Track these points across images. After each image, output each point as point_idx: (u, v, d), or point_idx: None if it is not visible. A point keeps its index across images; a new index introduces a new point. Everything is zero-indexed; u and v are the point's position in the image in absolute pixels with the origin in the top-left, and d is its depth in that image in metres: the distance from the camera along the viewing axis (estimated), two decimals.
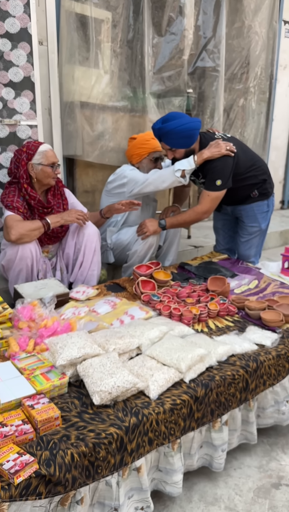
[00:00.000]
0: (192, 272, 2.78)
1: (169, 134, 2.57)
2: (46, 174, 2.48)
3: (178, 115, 2.64)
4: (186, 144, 2.63)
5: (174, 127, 2.55)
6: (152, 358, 1.76)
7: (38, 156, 2.45)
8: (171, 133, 2.56)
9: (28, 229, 2.36)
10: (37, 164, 2.45)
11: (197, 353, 1.74)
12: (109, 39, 3.42)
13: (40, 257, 2.53)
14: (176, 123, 2.55)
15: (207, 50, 3.96)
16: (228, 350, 1.88)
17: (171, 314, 2.18)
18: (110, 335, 1.82)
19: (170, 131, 2.56)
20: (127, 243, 2.85)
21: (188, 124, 2.57)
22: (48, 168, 2.47)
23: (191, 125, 2.59)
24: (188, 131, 2.58)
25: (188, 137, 2.60)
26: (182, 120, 2.58)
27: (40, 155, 2.45)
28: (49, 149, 2.50)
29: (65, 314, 2.09)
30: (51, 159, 2.48)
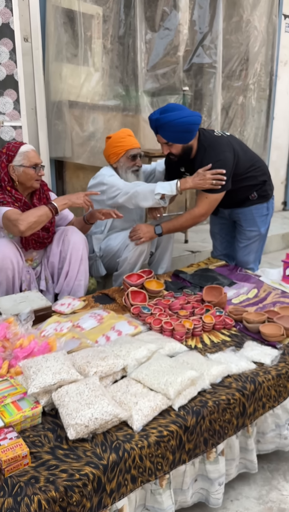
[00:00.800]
0: (187, 281, 2.61)
1: (166, 126, 2.39)
2: (29, 176, 2.32)
3: (177, 106, 2.46)
4: (184, 139, 2.45)
5: (172, 119, 2.36)
6: (137, 382, 1.59)
7: (19, 157, 2.29)
8: (169, 126, 2.38)
9: (36, 216, 2.21)
10: (18, 166, 2.29)
11: (187, 376, 1.57)
12: (100, 35, 3.26)
13: (24, 266, 2.36)
14: (175, 114, 2.37)
15: (203, 46, 3.78)
16: (222, 371, 1.71)
17: (162, 328, 2.01)
18: (93, 356, 1.65)
19: (167, 123, 2.37)
20: (117, 249, 2.68)
21: (188, 118, 2.39)
22: (31, 170, 2.31)
23: (191, 119, 2.40)
24: (187, 125, 2.39)
25: (186, 131, 2.42)
26: (181, 112, 2.39)
27: (21, 156, 2.30)
28: (31, 150, 2.35)
29: (46, 330, 1.92)
30: (33, 160, 2.32)
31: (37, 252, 2.53)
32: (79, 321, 2.05)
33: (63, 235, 2.48)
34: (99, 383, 1.49)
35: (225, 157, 2.47)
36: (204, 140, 2.52)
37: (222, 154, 2.47)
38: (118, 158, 2.71)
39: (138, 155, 2.74)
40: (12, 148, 2.30)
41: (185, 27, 3.60)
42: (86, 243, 2.51)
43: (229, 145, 2.52)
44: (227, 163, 2.48)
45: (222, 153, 2.48)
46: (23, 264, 2.35)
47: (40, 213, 2.24)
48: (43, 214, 2.25)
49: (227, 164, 2.48)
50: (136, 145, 2.72)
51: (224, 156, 2.47)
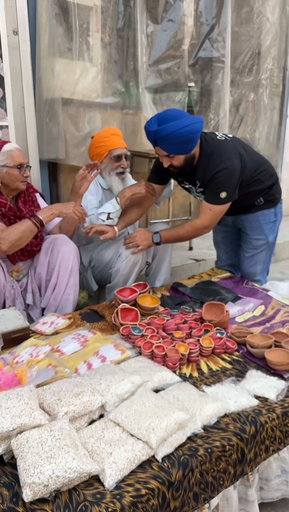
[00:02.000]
0: (187, 295, 2.36)
1: (166, 138, 2.10)
2: (13, 177, 2.12)
3: (177, 114, 2.16)
4: (186, 150, 2.18)
5: (173, 130, 2.07)
6: (116, 425, 1.35)
7: (2, 157, 2.10)
8: (170, 138, 2.09)
9: (19, 232, 2.01)
10: (1, 167, 2.09)
11: (174, 419, 1.32)
12: (98, 27, 3.03)
13: (7, 281, 2.15)
14: (175, 125, 2.07)
15: (210, 39, 3.51)
16: (218, 410, 1.46)
17: (153, 354, 1.77)
18: (66, 391, 1.42)
19: (168, 135, 2.08)
20: (109, 259, 2.45)
21: (190, 126, 2.09)
22: (15, 171, 2.11)
23: (193, 127, 2.11)
24: (190, 134, 2.11)
25: (189, 141, 2.14)
26: (183, 121, 2.09)
27: (4, 156, 2.10)
28: (15, 149, 2.14)
29: (20, 355, 1.70)
30: (18, 160, 2.12)
31: (24, 263, 2.32)
32: (60, 344, 1.82)
33: (52, 244, 2.26)
34: (68, 428, 1.26)
35: (232, 165, 2.21)
36: (207, 146, 2.25)
37: (228, 161, 2.21)
38: (101, 160, 2.48)
39: (124, 156, 2.50)
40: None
41: (190, 19, 3.34)
42: (78, 254, 2.29)
43: (235, 150, 2.26)
44: (235, 171, 2.22)
45: (228, 160, 2.21)
46: (7, 278, 2.14)
47: (23, 228, 2.04)
48: (26, 229, 2.04)
49: (234, 172, 2.22)
50: (120, 145, 2.48)
51: (230, 164, 2.21)
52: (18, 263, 2.28)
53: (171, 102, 3.43)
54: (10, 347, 1.79)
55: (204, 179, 2.28)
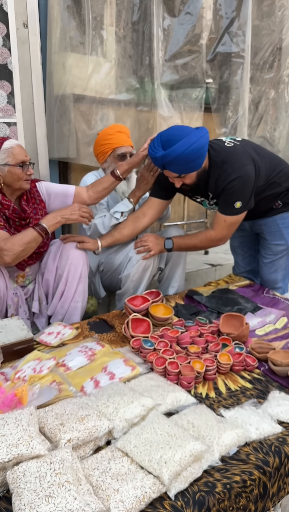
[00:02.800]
0: (202, 304, 2.21)
1: (175, 161, 1.95)
2: (16, 176, 1.99)
3: (180, 132, 1.99)
4: (197, 166, 2.02)
5: (180, 151, 1.92)
6: (124, 455, 1.22)
7: (2, 155, 1.96)
8: (178, 160, 1.94)
9: (23, 243, 1.90)
10: (2, 165, 1.96)
11: (189, 450, 1.18)
12: (112, 20, 2.89)
13: (9, 288, 2.03)
14: (182, 145, 1.92)
15: (230, 33, 3.35)
16: (238, 439, 1.31)
17: (166, 370, 1.63)
18: (69, 414, 1.28)
19: (176, 158, 1.94)
20: (119, 263, 2.31)
21: (197, 142, 1.94)
22: (17, 169, 1.98)
23: (200, 142, 1.95)
24: (199, 150, 1.96)
25: (199, 157, 1.99)
26: (188, 139, 1.93)
27: (5, 154, 1.96)
28: (16, 145, 2.01)
29: (22, 370, 1.57)
30: (20, 157, 1.98)
31: (31, 267, 2.19)
32: (65, 357, 1.69)
33: (61, 249, 2.13)
34: (70, 459, 1.12)
35: (246, 172, 2.05)
36: (216, 155, 2.09)
37: (241, 169, 2.05)
38: (105, 158, 2.35)
39: (129, 154, 2.35)
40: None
41: (208, 12, 3.18)
42: (87, 259, 2.16)
43: (247, 155, 2.10)
44: (249, 178, 2.06)
45: (241, 167, 2.05)
46: (9, 285, 2.02)
47: (28, 239, 1.92)
48: (31, 240, 1.93)
49: (248, 179, 2.06)
50: (125, 143, 2.34)
51: (244, 171, 2.04)
52: (25, 268, 2.16)
53: (188, 99, 3.28)
54: (13, 360, 1.67)
55: (216, 190, 2.13)
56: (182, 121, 3.24)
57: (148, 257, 2.21)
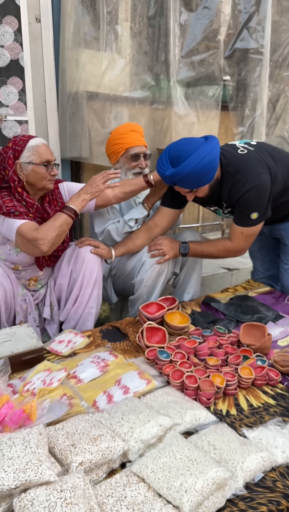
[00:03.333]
0: (220, 312, 2.10)
1: (186, 178, 1.87)
2: (40, 175, 1.91)
3: (189, 146, 1.87)
4: (209, 179, 1.92)
5: (191, 168, 1.82)
6: (140, 480, 1.12)
7: (27, 153, 1.89)
8: (189, 176, 1.86)
9: (55, 228, 1.84)
10: (26, 164, 1.88)
11: (212, 478, 1.08)
12: (126, 16, 2.80)
13: (17, 294, 1.94)
14: (192, 162, 1.81)
15: (249, 28, 3.23)
16: (264, 463, 1.21)
17: (184, 385, 1.53)
18: (82, 433, 1.19)
19: (187, 175, 1.85)
20: (132, 268, 2.21)
21: (208, 155, 1.83)
22: (41, 168, 1.89)
23: (211, 155, 1.84)
24: (210, 164, 1.85)
25: (210, 170, 1.88)
26: (198, 153, 1.82)
27: (30, 152, 1.89)
28: (42, 144, 1.93)
29: (32, 382, 1.48)
30: (45, 156, 1.91)
31: (45, 271, 2.10)
32: (77, 368, 1.60)
33: (76, 252, 2.04)
34: (82, 486, 1.03)
35: (261, 181, 1.93)
36: (228, 164, 1.97)
37: (255, 178, 1.93)
38: (118, 158, 2.26)
39: (142, 154, 2.25)
40: (19, 142, 1.91)
41: (227, 6, 3.07)
42: (102, 264, 2.06)
43: (261, 162, 1.98)
44: (264, 188, 1.94)
45: (256, 177, 1.93)
46: (17, 291, 1.93)
47: (59, 223, 1.85)
48: (62, 223, 1.86)
49: (264, 189, 1.94)
50: (138, 143, 2.24)
51: (258, 181, 1.92)
52: (38, 272, 2.08)
53: (204, 96, 3.17)
54: (21, 370, 1.58)
55: (230, 201, 2.02)
56: (198, 119, 3.13)
57: (162, 262, 2.11)
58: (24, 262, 2.01)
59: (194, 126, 3.12)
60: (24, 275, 2.05)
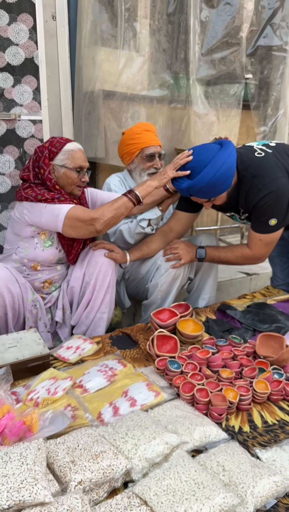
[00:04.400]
0: (236, 320, 2.02)
1: (204, 189, 1.81)
2: (70, 180, 1.90)
3: (205, 156, 1.79)
4: (227, 187, 1.85)
5: (208, 179, 1.76)
6: (143, 503, 1.05)
7: (62, 156, 1.88)
8: (208, 187, 1.80)
9: (113, 209, 1.81)
10: (59, 166, 1.88)
11: (218, 504, 1.00)
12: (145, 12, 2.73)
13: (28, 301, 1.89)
14: (209, 172, 1.75)
15: (272, 25, 3.12)
16: (277, 489, 1.12)
17: (194, 398, 1.45)
18: (83, 449, 1.13)
19: (205, 186, 1.78)
20: (146, 271, 2.14)
21: (225, 164, 1.75)
22: (73, 173, 1.89)
23: (228, 163, 1.77)
24: (227, 172, 1.78)
25: (228, 178, 1.81)
26: (214, 164, 1.75)
27: (65, 155, 1.88)
28: (78, 149, 1.93)
29: (36, 390, 1.43)
30: (78, 162, 1.90)
31: (60, 273, 2.06)
32: (83, 377, 1.55)
33: (89, 255, 1.99)
34: (80, 509, 0.97)
35: (278, 186, 1.83)
36: (245, 169, 1.89)
37: (273, 183, 1.84)
38: (132, 159, 2.19)
39: (157, 154, 2.18)
40: (56, 143, 1.91)
41: (250, 2, 2.97)
42: (116, 268, 2.01)
43: (279, 166, 1.88)
44: (282, 193, 1.85)
45: (273, 182, 1.84)
46: (26, 297, 1.88)
47: (118, 205, 1.82)
48: (121, 206, 1.82)
49: (282, 194, 1.85)
50: (153, 142, 2.17)
51: (276, 185, 1.83)
52: (54, 274, 2.03)
53: (225, 95, 3.08)
54: (27, 377, 1.53)
55: (247, 206, 1.94)
56: (217, 118, 3.04)
57: (177, 266, 2.03)
58: (46, 260, 1.96)
59: (214, 125, 3.03)
60: (40, 277, 2.00)
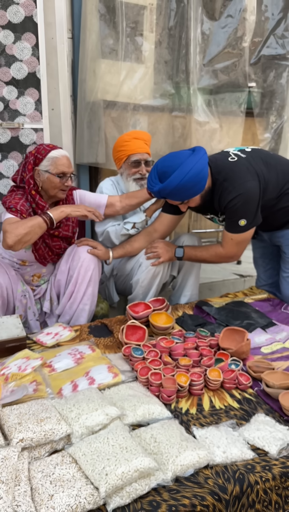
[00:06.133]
0: (212, 316, 2.13)
1: (174, 191, 1.94)
2: (53, 184, 2.07)
3: (175, 161, 1.93)
4: (199, 190, 1.96)
5: (177, 182, 1.88)
6: (73, 461, 1.21)
7: (46, 162, 2.05)
8: (177, 190, 1.92)
9: (27, 227, 1.93)
10: (43, 171, 2.06)
11: (135, 465, 1.14)
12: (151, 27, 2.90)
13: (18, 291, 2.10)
14: (177, 177, 1.87)
15: (275, 35, 3.20)
16: (198, 460, 1.24)
17: (149, 381, 1.59)
18: (30, 415, 1.30)
19: (174, 190, 1.92)
20: (131, 268, 2.30)
21: (194, 168, 1.88)
22: (55, 178, 2.05)
23: (197, 167, 1.89)
24: (196, 176, 1.90)
25: (198, 181, 1.93)
26: (183, 168, 1.88)
27: (49, 162, 2.05)
28: (62, 156, 2.08)
29: (9, 367, 1.62)
30: (61, 168, 2.05)
31: (47, 268, 2.26)
32: (53, 358, 1.72)
33: (74, 251, 2.18)
34: (15, 459, 1.14)
35: (247, 189, 1.94)
36: (218, 172, 2.00)
37: (242, 186, 1.94)
38: (121, 164, 2.36)
39: (143, 161, 2.33)
40: (42, 150, 2.08)
41: (253, 13, 3.08)
42: (99, 264, 2.18)
43: (251, 170, 1.98)
44: (252, 195, 1.95)
45: (243, 184, 1.94)
46: (16, 287, 2.09)
47: (32, 223, 1.95)
48: (35, 224, 1.95)
49: (251, 196, 1.95)
50: (140, 150, 2.32)
51: (245, 188, 1.94)
52: (42, 269, 2.23)
53: (227, 103, 3.19)
54: (4, 356, 1.72)
55: (220, 208, 2.05)
56: (220, 126, 3.15)
57: (156, 264, 2.17)
58: (30, 259, 2.17)
59: (216, 133, 3.15)
60: (29, 271, 2.21)
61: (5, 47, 2.35)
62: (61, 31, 2.41)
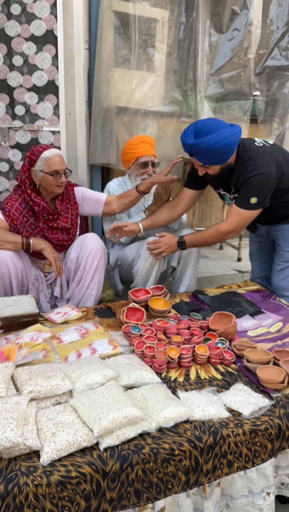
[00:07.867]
0: (206, 303, 2.34)
1: (203, 151, 2.12)
2: (48, 182, 2.30)
3: (214, 126, 2.12)
4: (223, 160, 2.17)
5: (209, 144, 2.07)
6: (73, 410, 1.44)
7: (40, 162, 2.28)
8: (206, 151, 2.09)
9: (2, 239, 2.21)
10: (38, 171, 2.29)
11: (124, 413, 1.37)
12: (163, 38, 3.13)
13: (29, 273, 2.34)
14: (212, 138, 2.06)
15: (280, 47, 3.41)
16: (179, 415, 1.46)
17: (143, 353, 1.82)
18: (39, 373, 1.54)
19: (204, 149, 2.10)
20: (132, 259, 2.53)
21: (228, 139, 2.07)
22: (49, 177, 2.27)
23: (230, 139, 2.09)
24: (227, 146, 2.10)
25: (226, 152, 2.13)
26: (220, 133, 2.07)
27: (42, 162, 2.28)
28: (54, 155, 2.29)
29: (22, 338, 1.87)
30: (53, 167, 2.27)
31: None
32: (62, 332, 1.96)
33: (82, 241, 2.42)
34: (24, 404, 1.38)
35: (268, 171, 2.14)
36: (243, 152, 2.21)
37: (264, 167, 2.14)
38: (129, 165, 2.60)
39: (150, 163, 2.56)
40: (35, 152, 2.30)
41: (258, 27, 3.28)
42: (105, 252, 2.41)
43: (273, 156, 2.19)
44: (269, 178, 2.15)
45: (264, 166, 2.14)
46: (29, 271, 2.33)
47: (9, 239, 2.22)
48: (11, 241, 2.22)
49: (269, 178, 2.15)
50: (147, 153, 2.56)
51: (266, 170, 2.14)
52: None
53: (233, 111, 3.41)
54: (19, 329, 1.97)
55: (237, 184, 2.24)
56: None
57: (159, 258, 2.39)
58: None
59: None
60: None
61: (28, 57, 2.61)
62: (79, 42, 2.66)
